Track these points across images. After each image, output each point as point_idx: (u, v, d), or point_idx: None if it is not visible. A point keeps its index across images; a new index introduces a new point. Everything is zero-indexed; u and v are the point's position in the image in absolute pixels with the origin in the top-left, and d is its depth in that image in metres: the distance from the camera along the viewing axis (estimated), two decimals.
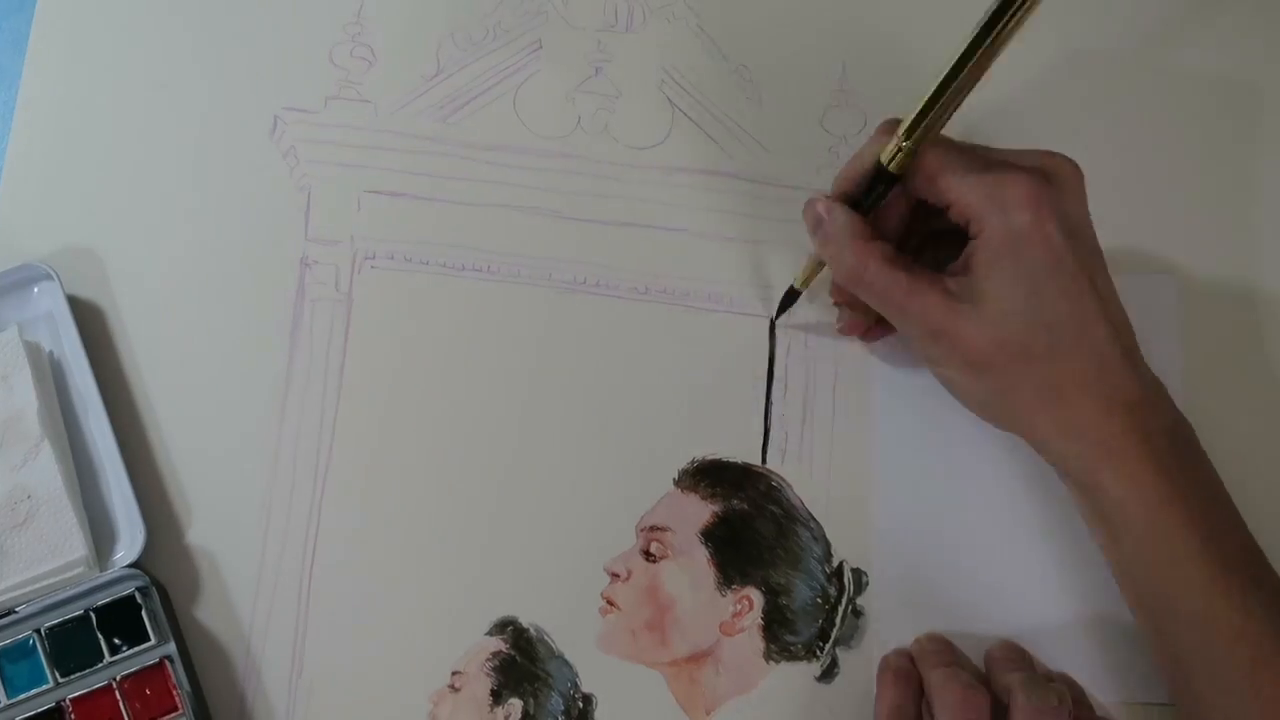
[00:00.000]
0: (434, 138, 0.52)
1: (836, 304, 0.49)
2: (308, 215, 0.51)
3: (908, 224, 0.45)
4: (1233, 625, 0.40)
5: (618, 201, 0.51)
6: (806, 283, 0.48)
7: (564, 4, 0.53)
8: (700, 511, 0.49)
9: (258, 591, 0.47)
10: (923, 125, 0.41)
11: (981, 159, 0.42)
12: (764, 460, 0.49)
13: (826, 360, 0.50)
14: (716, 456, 0.49)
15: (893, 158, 0.42)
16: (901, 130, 0.41)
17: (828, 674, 0.47)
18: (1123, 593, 0.44)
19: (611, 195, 0.52)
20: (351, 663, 0.47)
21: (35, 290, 0.49)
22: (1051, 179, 0.41)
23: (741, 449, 0.49)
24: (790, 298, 0.49)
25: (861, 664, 0.47)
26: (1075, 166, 0.42)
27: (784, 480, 0.49)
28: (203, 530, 0.48)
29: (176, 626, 0.46)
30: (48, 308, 0.49)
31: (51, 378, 0.48)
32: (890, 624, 0.47)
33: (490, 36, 0.53)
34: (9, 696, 0.44)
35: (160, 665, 0.45)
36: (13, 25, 0.52)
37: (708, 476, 0.49)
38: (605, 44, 0.53)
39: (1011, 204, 0.40)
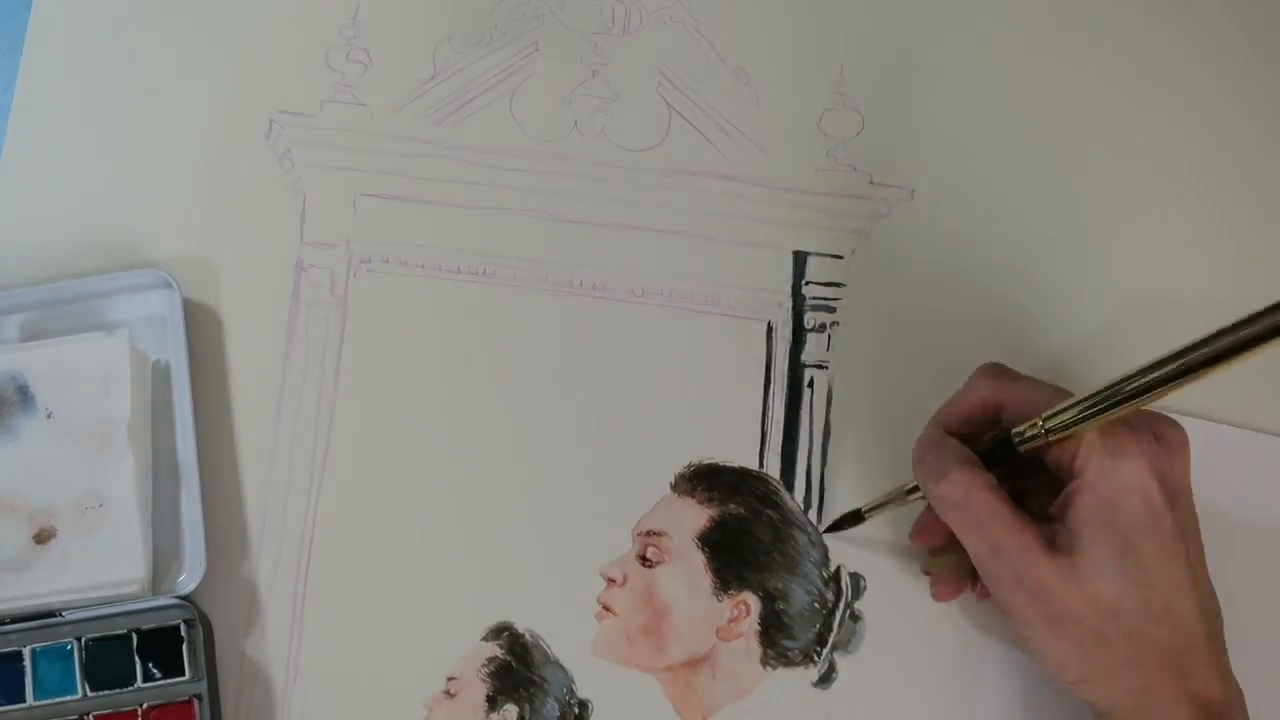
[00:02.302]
0: (430, 141, 0.51)
1: (922, 547, 0.47)
2: (303, 219, 0.51)
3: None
4: None
5: (614, 204, 0.51)
6: (875, 511, 0.46)
7: (560, 7, 0.53)
8: (697, 516, 0.48)
9: (252, 596, 0.47)
10: (1075, 428, 0.39)
11: None
12: (761, 464, 0.49)
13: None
14: (713, 460, 0.49)
15: (1026, 441, 0.41)
16: (1044, 420, 0.40)
17: (825, 679, 0.47)
18: None
19: (608, 198, 0.51)
20: (346, 668, 0.47)
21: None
22: (1161, 440, 0.40)
23: (738, 453, 0.49)
24: (850, 520, 0.47)
25: (859, 669, 0.47)
26: (1184, 433, 0.41)
27: (781, 484, 0.49)
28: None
29: (213, 665, 0.45)
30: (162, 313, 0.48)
31: (150, 390, 0.47)
32: (888, 628, 0.47)
33: (486, 39, 0.53)
34: (37, 697, 0.44)
35: (188, 703, 0.44)
36: (8, 29, 0.52)
37: (704, 480, 0.49)
38: (602, 46, 0.53)
39: (1119, 453, 0.39)
